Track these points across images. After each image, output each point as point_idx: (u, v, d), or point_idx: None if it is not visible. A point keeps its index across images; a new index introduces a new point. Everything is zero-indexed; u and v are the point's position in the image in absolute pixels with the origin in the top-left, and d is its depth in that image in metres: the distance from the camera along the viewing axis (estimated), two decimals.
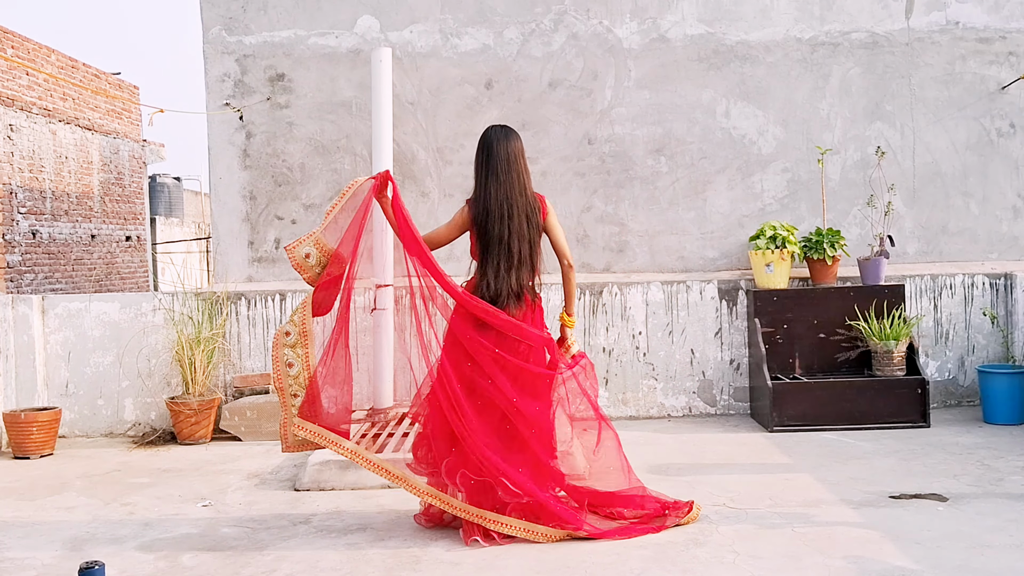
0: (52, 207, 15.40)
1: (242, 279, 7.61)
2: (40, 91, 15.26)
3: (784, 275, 7.07)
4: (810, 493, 5.06)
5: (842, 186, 7.60)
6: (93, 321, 7.31)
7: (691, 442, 6.45)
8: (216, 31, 7.58)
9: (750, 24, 7.59)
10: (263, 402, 7.02)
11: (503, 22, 7.58)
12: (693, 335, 7.38)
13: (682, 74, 7.61)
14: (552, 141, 7.60)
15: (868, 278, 7.10)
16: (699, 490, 5.12)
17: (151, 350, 7.28)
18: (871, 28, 7.60)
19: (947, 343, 7.42)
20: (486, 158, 4.53)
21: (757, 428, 6.86)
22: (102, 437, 7.28)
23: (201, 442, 6.96)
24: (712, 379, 7.37)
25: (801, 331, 7.06)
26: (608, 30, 7.58)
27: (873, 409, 6.67)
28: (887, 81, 7.62)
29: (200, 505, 5.23)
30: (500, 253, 4.47)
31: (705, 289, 7.38)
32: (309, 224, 7.59)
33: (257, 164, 7.60)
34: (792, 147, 7.61)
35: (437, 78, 7.59)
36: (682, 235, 7.62)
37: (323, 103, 7.59)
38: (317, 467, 5.58)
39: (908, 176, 7.62)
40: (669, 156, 7.61)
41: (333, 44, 7.58)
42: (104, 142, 17.32)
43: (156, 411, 7.27)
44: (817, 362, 7.07)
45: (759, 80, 7.60)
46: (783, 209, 7.60)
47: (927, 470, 5.48)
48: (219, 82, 7.60)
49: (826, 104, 7.61)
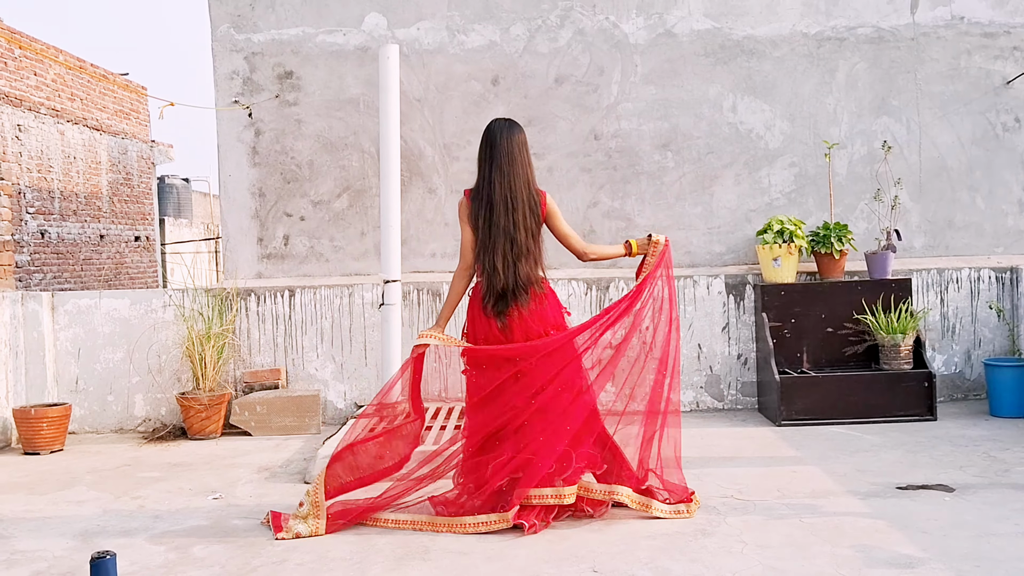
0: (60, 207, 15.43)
1: (251, 275, 7.65)
2: (48, 91, 15.31)
3: (792, 269, 7.08)
4: (817, 484, 5.07)
5: (849, 180, 7.62)
6: (103, 318, 7.35)
7: (699, 436, 6.47)
8: (224, 29, 7.62)
9: (756, 19, 7.61)
10: (272, 397, 7.06)
11: (509, 18, 7.61)
12: (700, 330, 7.40)
13: (688, 69, 7.63)
14: (558, 137, 7.62)
15: (875, 272, 7.11)
16: (707, 482, 5.15)
17: (161, 346, 7.32)
18: (877, 23, 7.62)
19: (954, 337, 7.43)
20: (490, 151, 4.57)
21: (765, 422, 6.87)
22: (112, 433, 7.32)
23: (211, 437, 7.00)
24: (720, 374, 7.39)
25: (809, 325, 7.07)
26: (614, 25, 7.60)
27: (880, 403, 6.68)
28: (893, 76, 7.63)
29: (210, 498, 5.26)
30: (506, 244, 4.50)
31: (712, 284, 7.39)
32: (318, 221, 7.62)
33: (266, 161, 7.64)
34: (799, 142, 7.62)
35: (444, 75, 7.62)
36: (689, 230, 7.64)
37: (331, 100, 7.63)
38: (326, 460, 5.60)
39: (914, 170, 7.63)
40: (676, 151, 7.63)
41: (341, 41, 7.61)
42: (112, 142, 17.37)
43: (166, 407, 7.31)
44: (825, 356, 7.08)
45: (766, 75, 7.62)
46: (790, 204, 7.61)
47: (934, 462, 5.49)
48: (228, 80, 7.64)
49: (832, 99, 7.63)
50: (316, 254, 7.64)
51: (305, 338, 7.40)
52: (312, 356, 7.40)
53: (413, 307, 7.35)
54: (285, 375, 7.39)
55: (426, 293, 7.40)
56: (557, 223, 4.67)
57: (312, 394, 7.09)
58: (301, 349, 7.40)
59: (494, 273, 4.51)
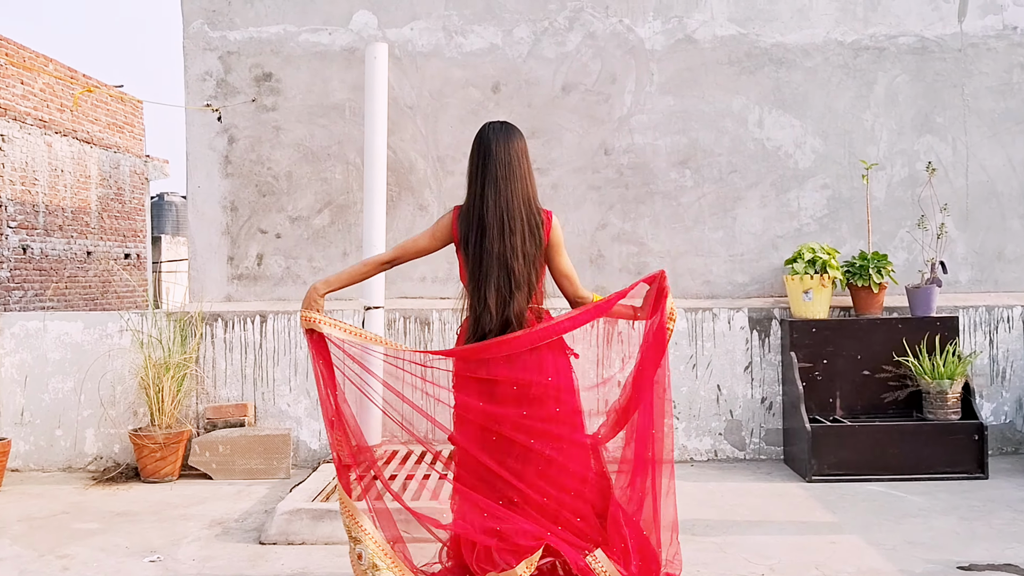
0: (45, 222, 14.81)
1: (220, 298, 6.87)
2: (36, 101, 14.68)
3: (824, 304, 6.30)
4: (863, 560, 4.27)
5: (888, 205, 6.83)
6: (52, 342, 6.60)
7: (718, 492, 5.67)
8: (198, 25, 6.89)
9: (786, 25, 6.85)
10: (237, 436, 6.28)
11: (513, 19, 6.87)
12: (720, 369, 6.60)
13: (710, 79, 6.86)
14: (565, 151, 6.86)
15: (918, 309, 6.33)
16: (732, 555, 4.35)
17: (116, 375, 6.56)
18: (920, 32, 6.86)
19: (1003, 383, 6.63)
20: (482, 161, 3.62)
21: (793, 477, 6.06)
22: (59, 472, 6.56)
23: (167, 480, 6.23)
24: (741, 419, 6.59)
25: (843, 367, 6.28)
26: (629, 29, 6.85)
27: (925, 457, 5.89)
28: (937, 90, 6.86)
29: (147, 560, 4.49)
30: (501, 276, 3.54)
31: (734, 318, 6.61)
32: (295, 238, 6.86)
33: (239, 172, 6.89)
34: (832, 161, 6.85)
35: (439, 80, 6.88)
36: (708, 257, 6.85)
37: (313, 106, 6.88)
38: (286, 517, 4.82)
39: (960, 195, 6.85)
40: (695, 169, 6.86)
41: (326, 41, 6.88)
42: (104, 156, 16.73)
43: (120, 444, 6.55)
44: (861, 402, 6.28)
45: (796, 87, 6.86)
46: (822, 230, 6.83)
47: (994, 532, 4.70)
48: (200, 81, 6.90)
49: (870, 114, 6.85)
50: (293, 275, 6.86)
51: (277, 370, 6.62)
52: (284, 390, 6.61)
53: (399, 336, 6.57)
54: (253, 411, 6.60)
55: (414, 321, 6.63)
56: (558, 256, 3.68)
57: (282, 433, 6.31)
58: (272, 382, 6.62)
59: (484, 311, 3.55)
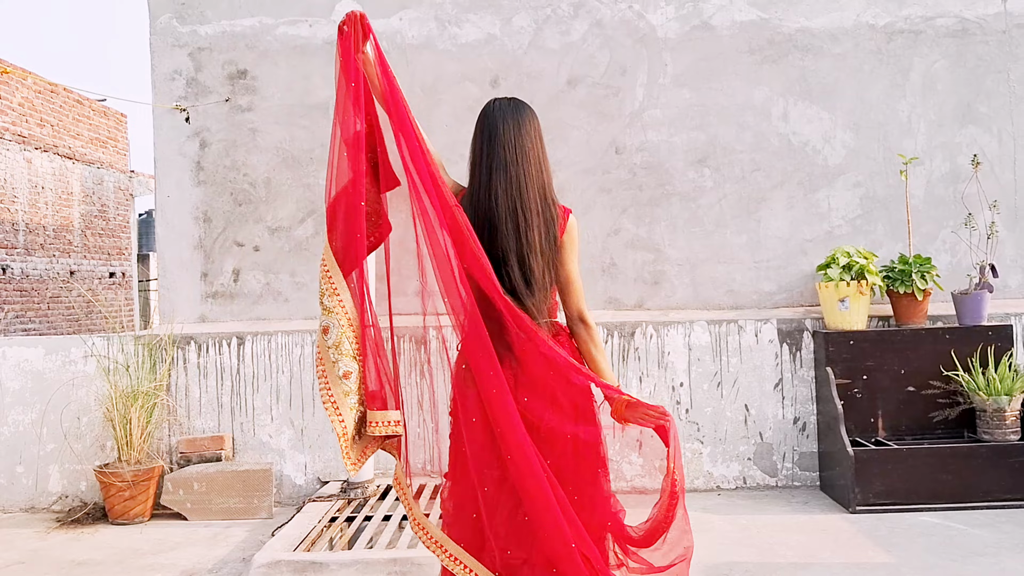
0: (25, 240, 14.23)
1: (193, 319, 6.24)
2: (14, 116, 14.08)
3: (862, 313, 5.68)
4: None
5: (927, 204, 6.22)
6: (11, 370, 5.97)
7: (753, 527, 5.03)
8: (166, 19, 6.28)
9: (812, 8, 6.25)
10: (214, 472, 5.64)
11: (512, 7, 6.26)
12: (747, 387, 5.97)
13: (730, 69, 6.25)
14: (572, 150, 6.24)
15: (967, 317, 5.71)
16: None
17: (81, 406, 5.93)
18: (960, 12, 6.25)
19: None
20: (488, 144, 2.91)
21: (834, 507, 5.42)
22: (21, 512, 5.93)
23: (137, 521, 5.60)
24: (772, 442, 5.95)
25: (885, 383, 5.65)
26: (639, 16, 6.25)
27: (982, 483, 5.25)
28: (980, 77, 6.25)
29: None
30: (513, 275, 2.86)
31: (761, 330, 5.98)
32: (275, 252, 6.23)
33: (213, 179, 6.26)
34: (865, 156, 6.23)
35: (432, 74, 6.26)
36: (731, 263, 6.23)
37: (293, 105, 6.26)
38: (263, 571, 4.18)
39: (1008, 192, 6.23)
40: (714, 168, 6.24)
41: (306, 34, 6.27)
42: (87, 172, 16.13)
43: (87, 481, 5.92)
44: (905, 422, 5.65)
45: (824, 76, 6.24)
46: (855, 232, 6.21)
47: None
48: (168, 81, 6.28)
49: (906, 105, 6.24)
50: (273, 292, 6.23)
51: (257, 397, 5.98)
52: (265, 420, 5.98)
53: None
54: (231, 443, 5.96)
55: (408, 341, 5.98)
56: (568, 260, 2.95)
57: (264, 468, 5.67)
58: (252, 411, 5.98)
59: None
